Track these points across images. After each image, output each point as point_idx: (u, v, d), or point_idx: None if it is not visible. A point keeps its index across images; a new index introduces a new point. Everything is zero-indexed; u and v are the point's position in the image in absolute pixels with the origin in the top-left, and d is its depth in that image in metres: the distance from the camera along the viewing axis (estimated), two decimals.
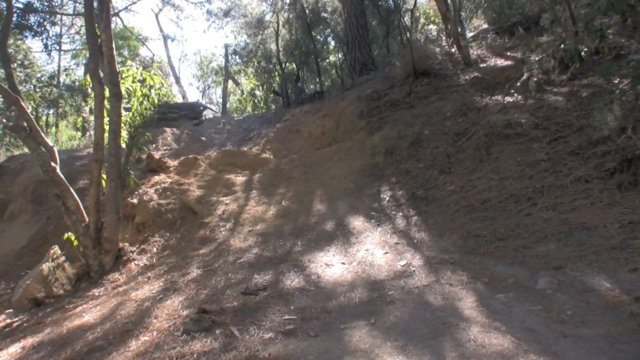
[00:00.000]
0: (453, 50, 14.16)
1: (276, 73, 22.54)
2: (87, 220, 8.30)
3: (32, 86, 26.00)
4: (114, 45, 8.69)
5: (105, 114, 8.54)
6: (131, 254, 8.38)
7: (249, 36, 23.28)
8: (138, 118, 9.59)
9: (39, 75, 27.42)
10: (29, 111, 8.76)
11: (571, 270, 4.28)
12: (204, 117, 21.32)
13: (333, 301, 4.49)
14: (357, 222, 7.26)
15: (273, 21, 21.35)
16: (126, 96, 9.44)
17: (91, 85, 8.63)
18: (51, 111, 27.88)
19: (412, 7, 17.76)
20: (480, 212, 6.17)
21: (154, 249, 8.36)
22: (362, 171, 9.51)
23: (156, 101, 9.56)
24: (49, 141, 8.79)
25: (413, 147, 9.40)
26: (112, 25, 26.38)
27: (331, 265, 5.63)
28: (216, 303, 4.76)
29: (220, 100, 31.64)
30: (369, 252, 5.90)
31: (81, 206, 8.43)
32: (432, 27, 18.90)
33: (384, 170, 9.14)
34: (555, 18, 10.74)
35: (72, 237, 8.28)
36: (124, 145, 9.40)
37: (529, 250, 4.92)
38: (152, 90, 9.45)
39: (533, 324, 3.46)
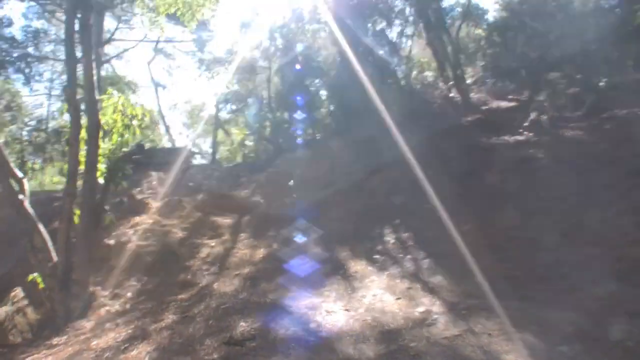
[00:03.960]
0: (451, 95, 13.79)
1: (268, 121, 22.07)
2: (55, 259, 7.37)
3: (19, 129, 25.40)
4: (94, 72, 8.03)
5: (82, 145, 7.80)
6: (103, 299, 7.42)
7: (240, 81, 22.88)
8: (118, 151, 8.76)
9: (26, 119, 26.87)
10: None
11: None
12: (192, 163, 20.63)
13: (339, 355, 3.58)
14: (359, 266, 6.41)
15: (265, 66, 20.96)
16: (106, 127, 8.68)
17: (68, 111, 7.89)
18: (38, 159, 27.17)
19: (407, 53, 17.59)
20: (506, 251, 5.34)
21: (129, 294, 7.43)
22: (362, 213, 8.76)
23: (138, 132, 8.76)
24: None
25: (417, 187, 8.67)
26: (103, 72, 26.01)
27: (333, 312, 4.70)
28: (192, 355, 3.83)
29: (210, 151, 31.10)
30: (377, 298, 5.00)
31: (50, 244, 7.52)
32: (428, 73, 18.57)
33: (386, 212, 8.39)
34: (563, 55, 10.44)
35: (39, 279, 7.33)
36: (101, 180, 8.58)
37: (581, 292, 4.06)
38: (134, 121, 8.65)
39: None
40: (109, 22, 27.67)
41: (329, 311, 4.75)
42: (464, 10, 16.18)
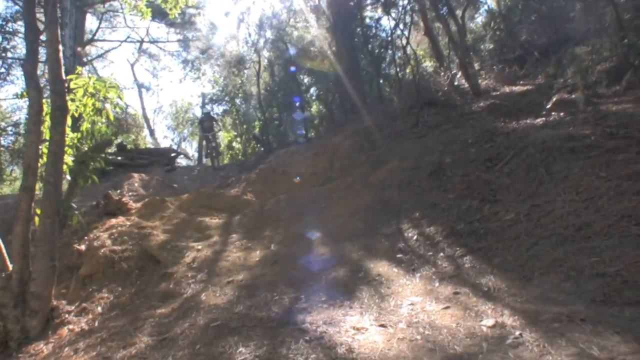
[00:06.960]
0: (456, 83, 12.77)
1: (257, 120, 20.90)
2: (9, 269, 6.06)
3: None
4: (60, 47, 6.75)
5: (46, 131, 6.57)
6: (67, 315, 6.11)
7: (227, 78, 21.64)
8: (89, 141, 7.47)
9: (2, 124, 25.76)
10: None
11: None
12: (177, 164, 19.39)
13: None
14: (382, 268, 5.18)
15: (255, 60, 19.69)
16: (76, 114, 7.38)
17: (27, 93, 6.62)
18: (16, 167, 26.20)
19: (404, 45, 16.62)
20: (580, 242, 4.08)
21: (99, 308, 6.13)
22: (372, 208, 7.54)
23: (112, 117, 7.46)
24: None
25: (435, 177, 7.52)
26: (85, 72, 24.79)
27: (364, 330, 3.44)
28: None
29: (196, 154, 29.97)
30: (417, 307, 3.76)
31: (4, 251, 6.21)
32: (427, 64, 17.56)
33: (401, 206, 7.18)
34: (588, 29, 9.44)
35: None
36: (68, 176, 7.32)
37: None
38: (107, 105, 7.34)
39: None
40: (90, 23, 26.52)
41: (357, 328, 3.49)
42: None
